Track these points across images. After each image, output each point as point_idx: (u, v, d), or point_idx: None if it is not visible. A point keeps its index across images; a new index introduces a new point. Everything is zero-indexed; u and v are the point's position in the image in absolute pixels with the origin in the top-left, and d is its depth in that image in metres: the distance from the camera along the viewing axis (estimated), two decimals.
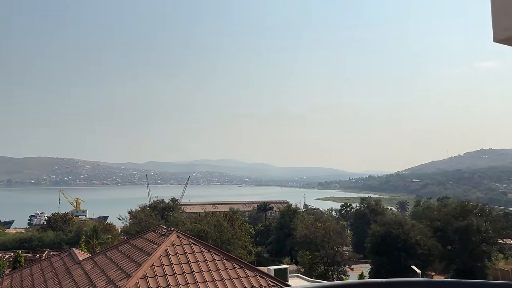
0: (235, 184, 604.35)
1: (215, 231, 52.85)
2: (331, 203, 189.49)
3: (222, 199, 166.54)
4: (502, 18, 2.48)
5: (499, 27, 2.52)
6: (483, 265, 49.79)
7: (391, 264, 47.88)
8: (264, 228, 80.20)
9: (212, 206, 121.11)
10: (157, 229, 13.61)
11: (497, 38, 2.50)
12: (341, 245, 53.15)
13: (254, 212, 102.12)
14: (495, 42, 2.53)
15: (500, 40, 2.49)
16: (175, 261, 10.82)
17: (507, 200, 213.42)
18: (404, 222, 52.61)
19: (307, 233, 51.85)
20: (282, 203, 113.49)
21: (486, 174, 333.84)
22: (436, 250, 49.57)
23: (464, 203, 58.76)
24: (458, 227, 50.59)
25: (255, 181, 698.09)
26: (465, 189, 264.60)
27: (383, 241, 49.31)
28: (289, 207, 76.42)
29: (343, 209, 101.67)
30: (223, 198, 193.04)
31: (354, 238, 79.48)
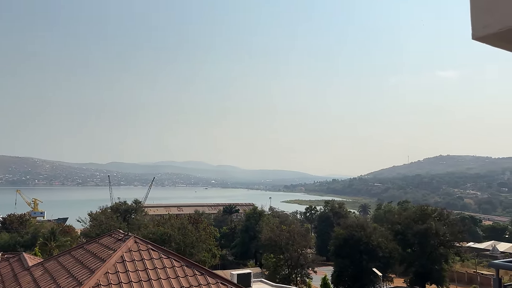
0: (201, 186, 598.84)
1: (179, 234, 51.80)
2: (296, 205, 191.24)
3: (187, 201, 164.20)
4: (481, 16, 2.24)
5: (478, 24, 2.27)
6: (440, 268, 51.40)
7: (354, 267, 48.57)
8: (229, 230, 79.60)
9: (177, 209, 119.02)
10: (114, 234, 12.89)
11: (476, 36, 2.26)
12: (305, 248, 53.48)
13: (220, 215, 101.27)
14: (474, 39, 2.28)
15: (479, 37, 2.24)
16: (131, 268, 10.20)
17: (463, 204, 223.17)
18: (366, 225, 53.57)
19: (272, 236, 51.79)
20: (248, 206, 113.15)
21: (444, 180, 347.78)
22: (396, 253, 50.76)
23: (423, 207, 60.58)
24: (417, 230, 52.03)
25: (222, 183, 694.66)
26: (424, 193, 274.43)
27: (346, 243, 49.97)
28: (255, 210, 76.23)
29: (307, 212, 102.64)
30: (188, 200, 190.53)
31: (317, 240, 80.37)
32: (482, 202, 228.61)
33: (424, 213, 55.86)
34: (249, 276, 18.16)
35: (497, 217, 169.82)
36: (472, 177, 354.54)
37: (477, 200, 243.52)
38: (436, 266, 51.12)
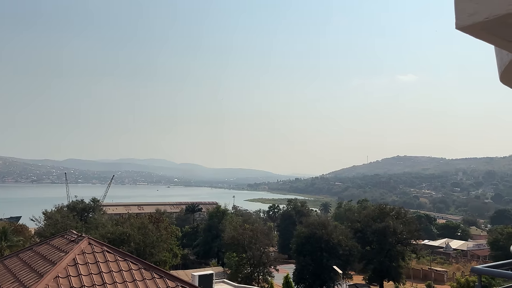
0: (163, 185, 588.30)
1: (138, 233, 50.39)
2: (259, 204, 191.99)
3: (148, 200, 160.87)
4: (467, 3, 2.04)
5: (463, 12, 2.08)
6: (397, 265, 53.09)
7: (314, 265, 49.20)
8: (191, 229, 78.56)
9: (137, 207, 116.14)
10: (66, 234, 12.13)
11: (460, 25, 2.07)
12: (268, 246, 53.61)
13: (182, 214, 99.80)
14: (458, 29, 2.09)
15: (464, 27, 2.05)
16: (84, 272, 9.56)
17: (419, 203, 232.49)
18: (327, 223, 54.42)
19: (235, 235, 51.52)
20: (212, 204, 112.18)
21: (401, 179, 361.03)
22: (356, 250, 51.90)
23: (382, 206, 62.41)
24: (376, 228, 53.48)
25: (185, 181, 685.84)
26: (382, 192, 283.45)
27: (307, 242, 50.55)
28: (218, 208, 75.65)
29: (270, 210, 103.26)
30: (149, 199, 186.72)
31: (280, 239, 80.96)
32: (437, 201, 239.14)
33: (383, 212, 57.54)
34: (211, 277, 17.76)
35: (450, 216, 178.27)
36: (427, 177, 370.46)
37: (432, 199, 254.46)
38: (394, 263, 52.76)
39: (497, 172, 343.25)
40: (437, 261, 75.95)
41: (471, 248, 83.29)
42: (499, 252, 65.40)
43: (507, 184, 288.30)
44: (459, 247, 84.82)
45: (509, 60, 2.43)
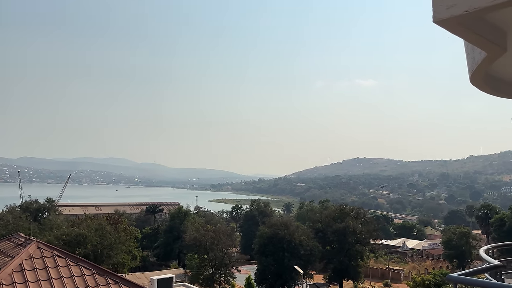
0: (123, 185, 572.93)
1: (95, 235, 48.63)
2: (222, 205, 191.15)
3: (107, 201, 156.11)
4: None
5: (441, 5, 2.03)
6: (356, 264, 54.35)
7: (276, 265, 49.42)
8: (152, 231, 76.85)
9: (95, 208, 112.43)
10: (13, 238, 11.32)
11: (438, 18, 2.01)
12: (230, 247, 53.29)
13: (142, 215, 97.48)
14: (436, 22, 2.00)
15: (441, 20, 2.00)
16: (31, 278, 8.89)
17: (377, 204, 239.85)
18: (290, 223, 54.86)
19: (197, 236, 50.84)
20: (173, 205, 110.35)
21: (360, 180, 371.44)
22: (316, 250, 52.64)
23: (342, 206, 63.75)
24: (336, 228, 54.52)
25: (145, 182, 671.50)
26: (342, 193, 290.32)
27: (270, 242, 50.72)
28: (180, 209, 74.45)
29: (234, 211, 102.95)
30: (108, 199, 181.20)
31: (242, 239, 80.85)
32: (394, 202, 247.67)
33: (343, 212, 58.76)
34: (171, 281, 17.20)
35: (406, 216, 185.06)
36: (385, 178, 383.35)
37: (389, 200, 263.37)
38: (353, 262, 53.96)
39: (451, 174, 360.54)
40: (394, 260, 78.52)
41: (426, 248, 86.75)
42: (452, 251, 68.55)
43: (459, 186, 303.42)
44: (415, 247, 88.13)
45: (481, 59, 2.33)
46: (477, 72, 2.54)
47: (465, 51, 2.68)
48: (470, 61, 2.56)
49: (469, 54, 2.58)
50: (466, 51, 2.64)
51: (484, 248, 5.23)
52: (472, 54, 2.52)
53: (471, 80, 2.79)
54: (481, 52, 2.38)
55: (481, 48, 2.28)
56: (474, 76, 2.64)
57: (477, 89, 3.01)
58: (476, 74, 2.58)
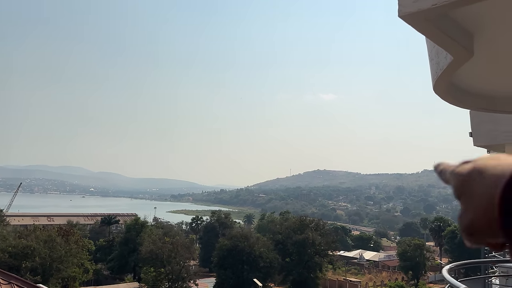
0: (77, 194, 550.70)
1: (44, 247, 46.09)
2: (182, 216, 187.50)
3: (60, 211, 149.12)
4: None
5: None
6: (315, 276, 54.73)
7: (235, 278, 48.80)
8: (106, 243, 73.88)
9: (47, 218, 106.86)
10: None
11: (403, 12, 2.00)
12: (188, 260, 52.14)
13: (97, 226, 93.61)
14: (401, 17, 1.99)
15: (407, 14, 1.98)
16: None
17: (336, 215, 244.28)
18: (250, 235, 54.58)
19: (154, 248, 49.34)
20: (130, 216, 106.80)
21: (320, 192, 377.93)
22: (276, 262, 52.53)
23: (302, 218, 64.24)
24: (296, 240, 54.76)
25: (102, 191, 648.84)
26: (302, 204, 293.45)
27: (229, 254, 50.11)
28: (136, 221, 72.07)
29: (193, 222, 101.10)
30: (62, 209, 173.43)
31: (202, 251, 79.36)
32: (352, 213, 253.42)
33: (303, 224, 59.19)
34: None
35: (363, 228, 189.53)
36: (344, 190, 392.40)
37: (347, 211, 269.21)
38: (312, 274, 54.28)
39: (406, 188, 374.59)
40: (352, 271, 79.74)
41: (382, 259, 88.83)
42: (407, 263, 70.55)
43: (414, 198, 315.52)
44: (372, 258, 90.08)
45: (446, 64, 2.11)
46: (441, 79, 2.34)
47: (429, 57, 2.48)
48: (434, 67, 2.37)
49: (433, 59, 2.39)
50: (430, 57, 2.45)
51: (447, 268, 5.08)
52: (436, 59, 2.33)
53: (434, 88, 2.60)
54: (447, 56, 2.19)
55: (448, 50, 2.08)
56: (438, 84, 2.45)
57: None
58: (440, 81, 2.39)
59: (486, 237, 0.63)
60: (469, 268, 31.04)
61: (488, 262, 10.20)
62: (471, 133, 4.63)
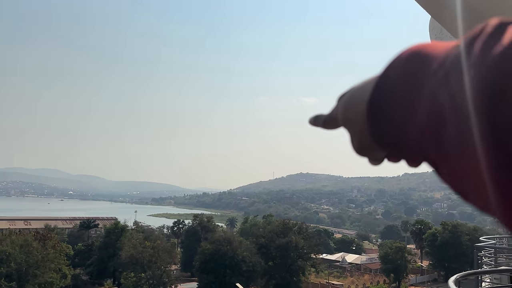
0: (56, 198, 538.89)
1: (20, 252, 44.67)
2: (164, 219, 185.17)
3: (37, 214, 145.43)
4: None
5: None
6: (298, 279, 54.52)
7: (217, 282, 48.21)
8: (85, 247, 72.21)
9: (23, 222, 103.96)
10: None
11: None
12: (169, 265, 51.33)
13: (76, 230, 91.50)
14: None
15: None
16: None
17: (318, 218, 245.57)
18: (233, 239, 54.08)
19: (134, 253, 48.43)
20: (110, 220, 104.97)
21: (303, 195, 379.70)
22: (259, 266, 52.15)
23: (286, 221, 64.10)
24: (279, 244, 54.50)
25: (81, 195, 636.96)
26: (285, 207, 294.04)
27: (212, 258, 49.50)
28: (116, 225, 70.72)
29: (175, 226, 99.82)
30: (39, 213, 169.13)
31: (183, 256, 78.32)
32: (334, 216, 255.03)
33: (286, 227, 58.99)
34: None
35: (346, 230, 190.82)
36: (326, 193, 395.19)
37: (330, 214, 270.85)
38: (295, 278, 54.07)
39: (387, 191, 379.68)
40: (334, 274, 79.91)
41: (364, 262, 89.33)
42: (389, 266, 71.09)
43: (395, 201, 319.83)
44: (354, 261, 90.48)
45: None
46: None
47: (430, 36, 2.20)
48: None
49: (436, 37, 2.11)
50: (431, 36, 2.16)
51: (453, 279, 4.79)
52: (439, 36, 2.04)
53: None
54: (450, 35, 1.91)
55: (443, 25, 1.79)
56: None
57: None
58: None
59: (374, 154, 0.68)
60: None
61: (491, 272, 10.06)
62: None
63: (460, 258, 73.25)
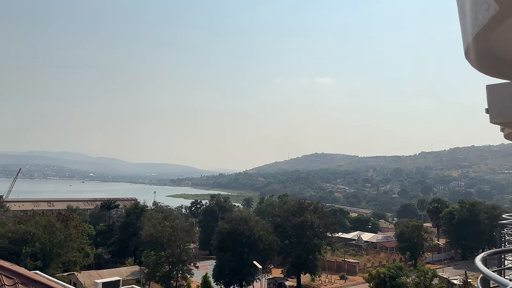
0: (77, 180, 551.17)
1: (44, 232, 46.13)
2: (182, 200, 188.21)
3: (60, 196, 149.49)
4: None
5: None
6: (314, 257, 55.03)
7: (235, 261, 49.03)
8: (106, 227, 74.16)
9: (47, 204, 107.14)
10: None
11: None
12: (188, 243, 52.32)
13: (97, 211, 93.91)
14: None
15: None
16: None
17: (334, 198, 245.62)
18: (249, 218, 54.66)
19: (154, 233, 49.46)
20: (130, 201, 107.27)
21: (318, 175, 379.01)
22: (275, 244, 52.77)
23: (301, 200, 64.34)
24: (295, 223, 54.90)
25: (101, 176, 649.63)
26: (301, 187, 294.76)
27: (229, 237, 50.25)
28: (136, 205, 72.24)
29: (193, 206, 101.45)
30: (61, 194, 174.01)
31: (201, 235, 79.84)
32: (349, 196, 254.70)
33: (302, 206, 59.29)
34: (117, 284, 16.07)
35: (361, 210, 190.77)
36: (341, 173, 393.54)
37: (345, 194, 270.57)
38: (311, 256, 54.59)
39: (403, 170, 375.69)
40: (350, 253, 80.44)
41: (380, 240, 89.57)
42: (405, 244, 71.06)
43: (411, 180, 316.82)
44: (370, 239, 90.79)
45: (488, 18, 1.77)
46: (478, 38, 2.01)
47: (461, 16, 2.15)
48: (470, 24, 2.03)
49: (467, 16, 2.06)
50: (463, 14, 2.11)
51: (480, 257, 4.78)
52: (472, 15, 1.99)
53: (466, 52, 2.27)
54: (489, 8, 1.86)
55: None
56: (475, 45, 2.11)
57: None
58: (476, 42, 2.05)
59: None
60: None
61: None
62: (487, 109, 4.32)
63: (478, 236, 72.69)
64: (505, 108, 4.13)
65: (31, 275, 8.63)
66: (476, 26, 1.97)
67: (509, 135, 6.23)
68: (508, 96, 3.93)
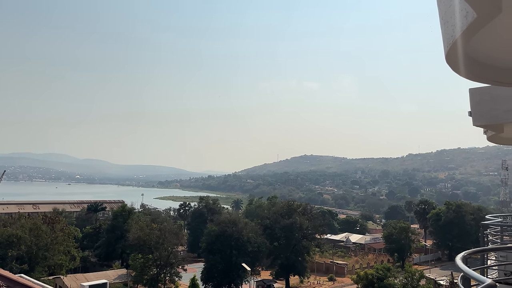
0: (63, 182, 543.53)
1: (30, 235, 45.44)
2: (170, 202, 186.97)
3: (46, 198, 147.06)
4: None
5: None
6: (303, 259, 55.19)
7: (224, 263, 48.91)
8: (93, 230, 73.26)
9: (32, 206, 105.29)
10: None
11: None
12: (176, 246, 52.01)
13: (84, 213, 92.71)
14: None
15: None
16: None
17: (323, 200, 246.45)
18: (238, 220, 54.57)
19: (141, 235, 49.02)
20: (117, 203, 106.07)
21: (307, 177, 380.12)
22: (264, 246, 52.77)
23: (290, 202, 64.48)
24: (284, 225, 55.00)
25: (88, 179, 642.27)
26: (290, 189, 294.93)
27: (218, 239, 50.11)
28: (123, 207, 71.49)
29: (181, 208, 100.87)
30: (47, 197, 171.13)
31: (190, 237, 79.39)
32: (338, 197, 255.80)
33: (291, 208, 59.42)
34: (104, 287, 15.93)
35: (350, 211, 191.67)
36: (330, 175, 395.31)
37: (334, 195, 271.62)
38: (299, 258, 54.73)
39: (391, 172, 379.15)
40: (338, 254, 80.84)
41: (368, 242, 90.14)
42: (393, 245, 71.65)
43: (399, 182, 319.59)
44: (358, 241, 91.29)
45: (467, 25, 1.83)
46: (458, 44, 2.07)
47: (442, 21, 2.21)
48: (450, 30, 2.09)
49: (448, 21, 2.12)
50: (444, 20, 2.18)
51: (460, 256, 4.86)
52: (452, 21, 2.06)
53: (447, 57, 2.33)
54: (467, 15, 1.92)
55: (472, 5, 1.80)
56: (453, 50, 2.17)
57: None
58: (456, 47, 2.12)
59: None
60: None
61: (497, 249, 10.17)
62: (470, 112, 4.41)
63: (464, 237, 73.66)
64: (487, 111, 4.23)
65: (16, 278, 8.55)
66: (455, 32, 2.03)
67: (492, 138, 6.35)
68: (490, 99, 4.03)
